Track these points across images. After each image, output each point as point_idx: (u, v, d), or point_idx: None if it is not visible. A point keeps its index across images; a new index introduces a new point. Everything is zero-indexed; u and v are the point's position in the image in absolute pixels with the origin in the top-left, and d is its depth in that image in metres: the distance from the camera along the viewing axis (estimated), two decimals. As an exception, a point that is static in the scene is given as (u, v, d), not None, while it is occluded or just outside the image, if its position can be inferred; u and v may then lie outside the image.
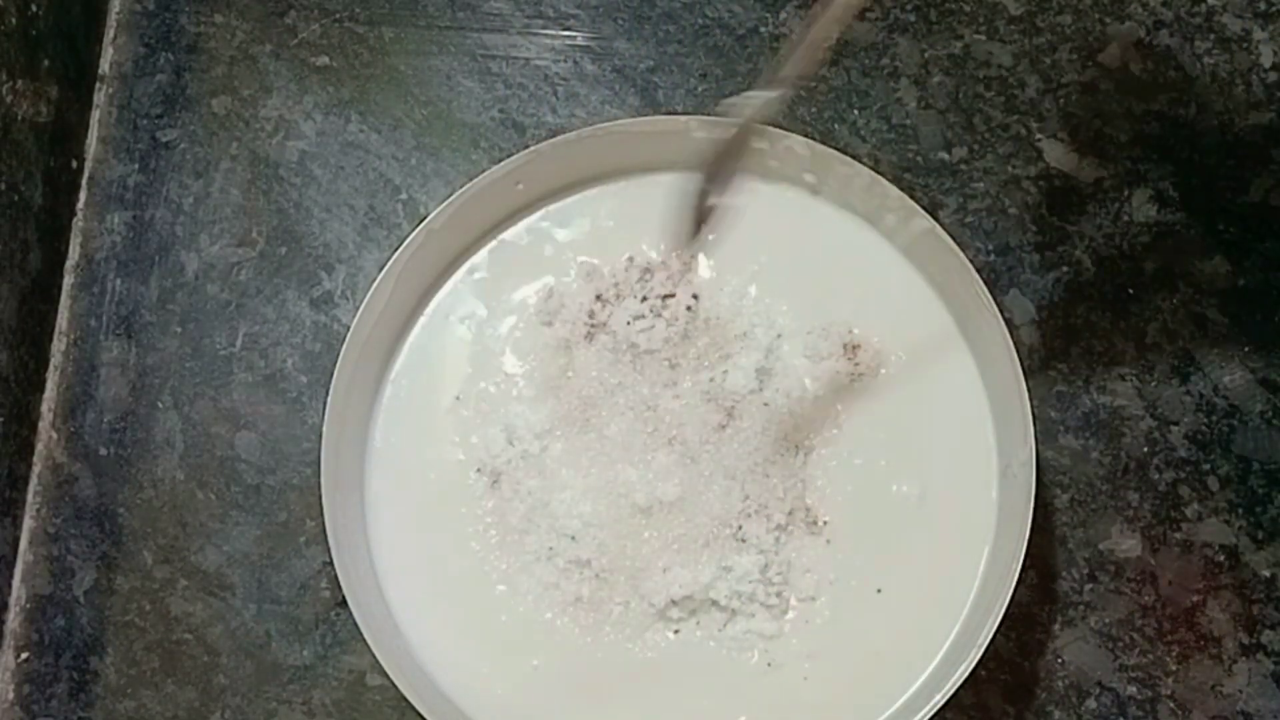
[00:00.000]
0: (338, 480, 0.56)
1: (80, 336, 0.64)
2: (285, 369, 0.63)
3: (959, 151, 0.64)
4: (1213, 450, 0.60)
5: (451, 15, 0.68)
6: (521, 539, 0.57)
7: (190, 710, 0.59)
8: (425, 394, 0.60)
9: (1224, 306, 0.62)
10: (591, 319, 0.59)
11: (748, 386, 0.57)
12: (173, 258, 0.65)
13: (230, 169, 0.66)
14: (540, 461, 0.57)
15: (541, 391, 0.59)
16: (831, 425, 0.58)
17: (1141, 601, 0.58)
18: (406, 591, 0.57)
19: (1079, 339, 0.61)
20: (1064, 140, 0.64)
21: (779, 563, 0.56)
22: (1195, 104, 0.65)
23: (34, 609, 0.61)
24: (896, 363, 0.59)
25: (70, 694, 0.59)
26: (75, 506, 0.62)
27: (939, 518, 0.57)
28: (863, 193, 0.59)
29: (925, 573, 0.56)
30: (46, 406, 0.63)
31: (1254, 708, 0.57)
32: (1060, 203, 0.63)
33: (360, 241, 0.64)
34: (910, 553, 0.56)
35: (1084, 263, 0.63)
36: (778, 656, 0.55)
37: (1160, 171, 0.64)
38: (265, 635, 0.60)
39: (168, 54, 0.68)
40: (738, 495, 0.56)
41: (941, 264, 0.58)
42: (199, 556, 0.61)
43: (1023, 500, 0.53)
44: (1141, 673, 0.58)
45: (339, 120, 0.66)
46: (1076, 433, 0.60)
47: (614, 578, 0.56)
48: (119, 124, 0.67)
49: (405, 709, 0.56)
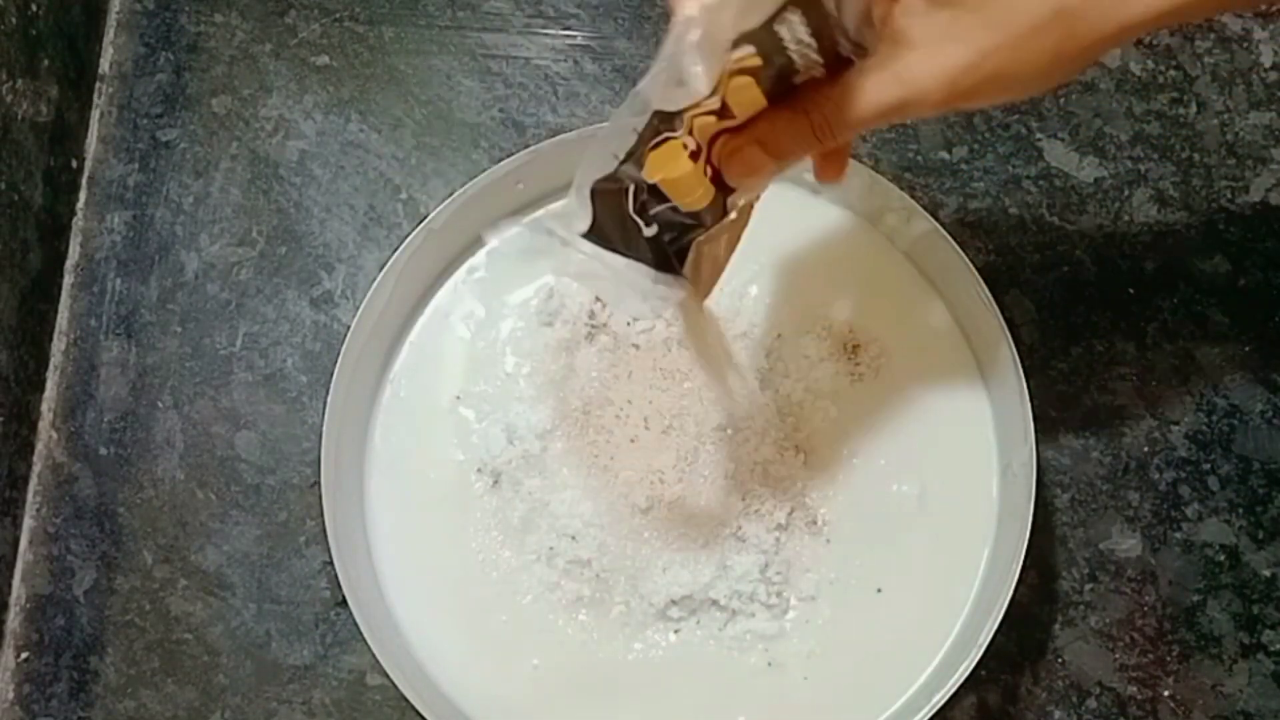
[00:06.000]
0: (338, 480, 0.56)
1: (80, 336, 0.64)
2: (285, 369, 0.63)
3: (959, 151, 0.64)
4: (1213, 450, 0.60)
5: (451, 15, 0.68)
6: (522, 539, 0.57)
7: (190, 710, 0.59)
8: (425, 394, 0.60)
9: (1224, 306, 0.62)
10: (591, 319, 0.59)
11: (748, 387, 0.57)
12: (173, 257, 0.65)
13: (230, 169, 0.66)
14: (540, 461, 0.57)
15: (542, 391, 0.59)
16: (831, 425, 0.58)
17: (1141, 601, 0.58)
18: (406, 591, 0.57)
19: (1079, 339, 0.61)
20: (1064, 140, 0.64)
21: (779, 562, 0.56)
22: (1195, 104, 0.65)
23: (34, 609, 0.61)
24: (896, 363, 0.59)
25: (70, 694, 0.59)
26: (75, 506, 0.62)
27: (939, 518, 0.57)
28: (863, 193, 0.59)
29: (925, 573, 0.56)
30: (46, 406, 0.63)
31: (1254, 708, 0.57)
32: (1060, 203, 0.63)
33: (360, 241, 0.64)
34: (910, 553, 0.56)
35: (1084, 263, 0.63)
36: (778, 656, 0.55)
37: (1160, 171, 0.64)
38: (265, 635, 0.60)
39: (168, 54, 0.68)
40: (737, 495, 0.56)
41: (941, 264, 0.58)
42: (199, 556, 0.61)
43: (1023, 500, 0.53)
44: (1141, 673, 0.58)
45: (339, 120, 0.66)
46: (1076, 433, 0.60)
47: (614, 578, 0.56)
48: (119, 124, 0.67)
49: (405, 709, 0.56)
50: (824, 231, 0.60)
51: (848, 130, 0.42)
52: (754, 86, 0.41)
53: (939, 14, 0.40)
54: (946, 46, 0.40)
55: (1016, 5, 0.39)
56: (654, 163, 0.44)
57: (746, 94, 0.41)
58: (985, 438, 0.58)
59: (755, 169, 0.43)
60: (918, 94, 0.40)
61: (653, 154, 0.43)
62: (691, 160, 0.43)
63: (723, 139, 0.43)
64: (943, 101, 0.41)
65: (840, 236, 0.61)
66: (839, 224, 0.61)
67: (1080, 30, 0.39)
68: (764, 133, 0.43)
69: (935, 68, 0.40)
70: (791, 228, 0.60)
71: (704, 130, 0.42)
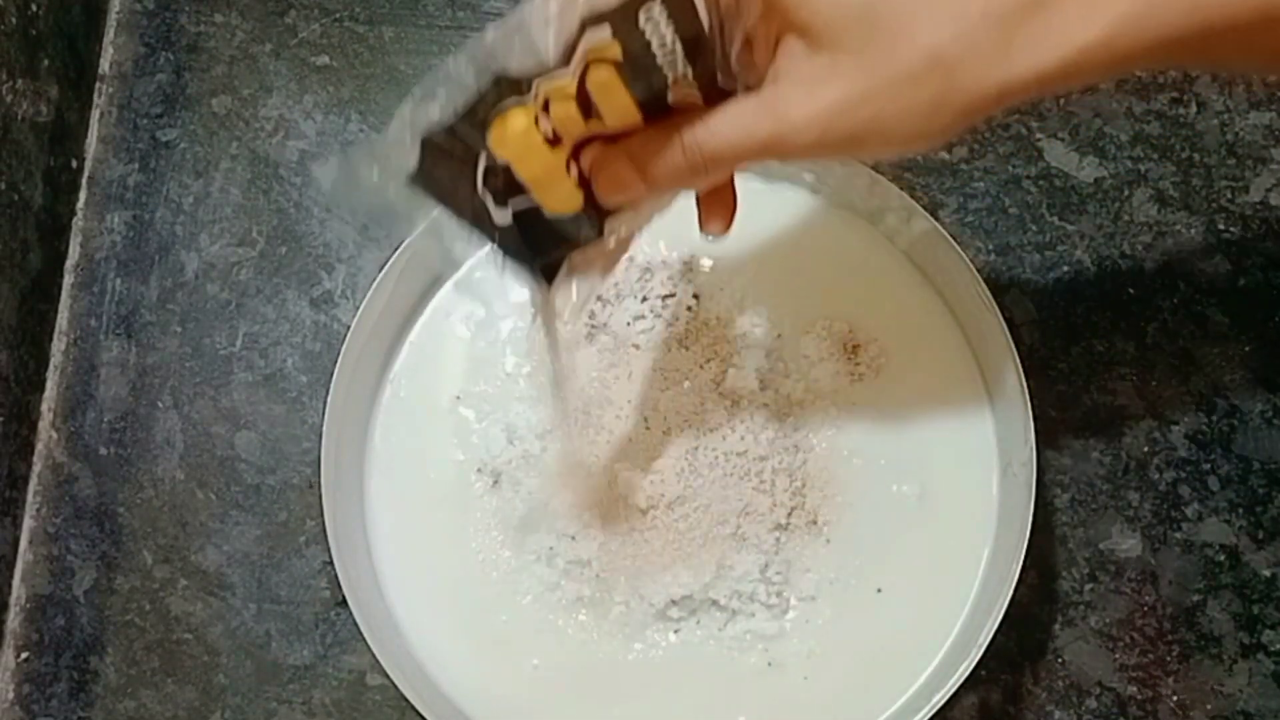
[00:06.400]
0: (338, 480, 0.56)
1: (80, 336, 0.64)
2: (285, 369, 0.63)
3: (959, 151, 0.64)
4: (1213, 450, 0.60)
5: (451, 15, 0.68)
6: (522, 539, 0.57)
7: (190, 710, 0.59)
8: (425, 394, 0.60)
9: (1224, 306, 0.62)
10: (592, 319, 0.59)
11: (748, 387, 0.57)
12: (173, 257, 0.65)
13: (230, 169, 0.66)
14: (540, 461, 0.57)
15: (542, 391, 0.59)
16: (831, 425, 0.58)
17: (1141, 601, 0.58)
18: (406, 591, 0.57)
19: (1079, 339, 0.62)
20: (1064, 140, 0.64)
21: (779, 562, 0.56)
22: (1195, 104, 0.65)
23: (34, 609, 0.61)
24: (897, 363, 0.59)
25: (70, 694, 0.59)
26: (75, 506, 0.62)
27: (939, 518, 0.57)
28: (863, 192, 0.59)
29: (925, 573, 0.56)
30: (46, 406, 0.63)
31: (1254, 708, 0.57)
32: (1060, 203, 0.64)
33: (360, 241, 0.64)
34: (910, 553, 0.56)
35: (1084, 263, 0.63)
36: (778, 656, 0.55)
37: (1160, 171, 0.64)
38: (265, 635, 0.60)
39: (168, 54, 0.68)
40: (737, 495, 0.56)
41: (941, 264, 0.58)
42: (199, 556, 0.61)
43: (1023, 500, 0.53)
44: (1141, 673, 0.58)
45: (339, 120, 0.66)
46: (1076, 433, 0.60)
47: (614, 578, 0.56)
48: (119, 124, 0.67)
49: (405, 709, 0.56)
50: (824, 231, 0.60)
51: (719, 159, 0.42)
52: (619, 85, 0.40)
53: (819, 57, 0.40)
54: (823, 86, 0.40)
55: (895, 53, 0.39)
56: (498, 132, 0.41)
57: (613, 95, 0.40)
58: (985, 438, 0.58)
59: (623, 185, 0.43)
60: (790, 130, 0.40)
61: (498, 120, 0.41)
62: (548, 145, 0.41)
63: (594, 147, 0.42)
64: (816, 142, 0.40)
65: (840, 236, 0.61)
66: (839, 224, 0.61)
67: (959, 84, 0.39)
68: (634, 146, 0.42)
69: (810, 106, 0.40)
70: (791, 228, 0.61)
71: (566, 122, 0.41)
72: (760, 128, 0.41)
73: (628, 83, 0.40)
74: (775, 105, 0.40)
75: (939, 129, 0.40)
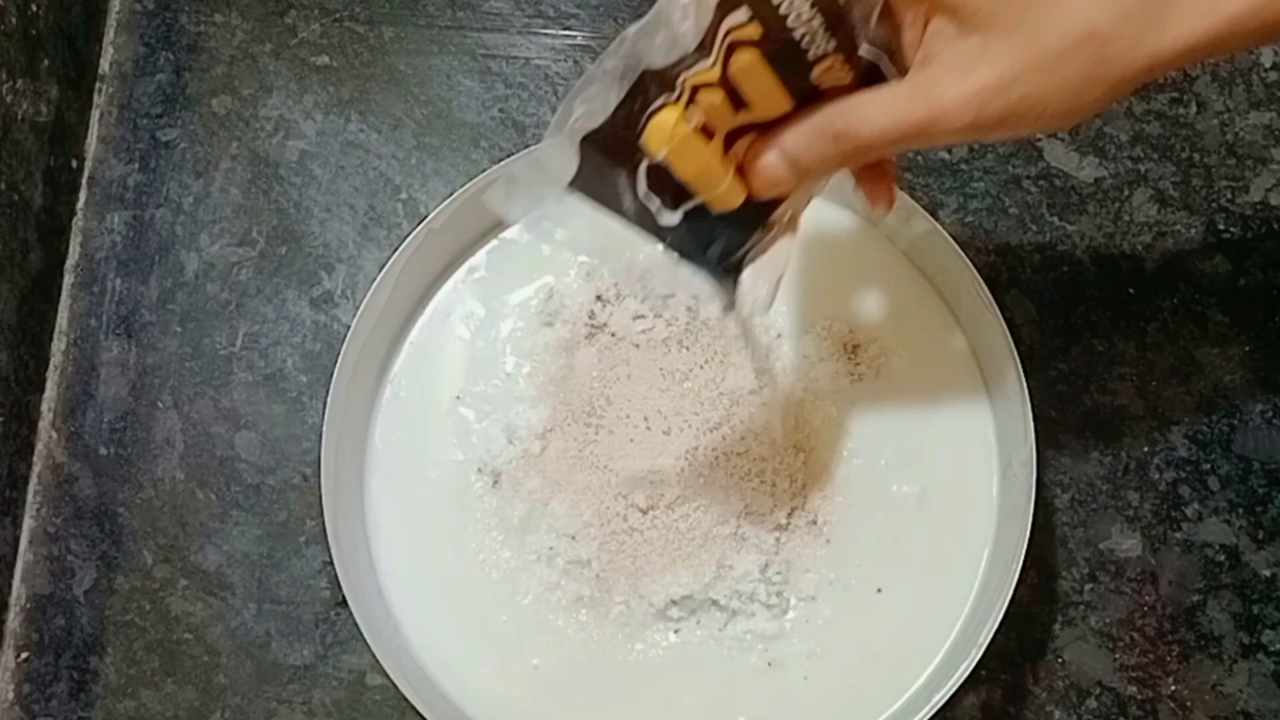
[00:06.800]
0: (338, 480, 0.56)
1: (80, 336, 0.64)
2: (285, 369, 0.63)
3: (959, 151, 0.64)
4: (1213, 450, 0.60)
5: (451, 15, 0.68)
6: (522, 539, 0.57)
7: (190, 710, 0.59)
8: (425, 394, 0.60)
9: (1224, 306, 0.62)
10: (592, 319, 0.59)
11: (747, 387, 0.57)
12: (173, 257, 0.65)
13: (230, 169, 0.66)
14: (540, 461, 0.57)
15: (542, 391, 0.59)
16: (831, 425, 0.58)
17: (1141, 601, 0.58)
18: (406, 591, 0.57)
19: (1079, 339, 0.61)
20: (1064, 140, 0.64)
21: (779, 563, 0.56)
22: (1195, 104, 0.65)
23: (34, 609, 0.61)
24: (896, 363, 0.59)
25: (70, 694, 0.59)
26: (75, 506, 0.62)
27: (939, 518, 0.57)
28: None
29: (925, 573, 0.56)
30: (46, 406, 0.63)
31: (1254, 708, 0.57)
32: (1060, 203, 0.63)
33: (360, 241, 0.64)
34: (910, 553, 0.56)
35: (1084, 263, 0.63)
36: (778, 656, 0.55)
37: (1160, 171, 0.64)
38: (265, 635, 0.60)
39: (168, 54, 0.68)
40: (737, 495, 0.56)
41: (941, 264, 0.58)
42: (199, 556, 0.61)
43: (1023, 500, 0.53)
44: (1141, 673, 0.58)
45: (339, 120, 0.66)
46: (1076, 433, 0.60)
47: (614, 578, 0.56)
48: (119, 124, 0.67)
49: (405, 709, 0.56)
50: (824, 231, 0.60)
51: (872, 147, 0.42)
52: (762, 67, 0.40)
53: (970, 38, 0.40)
54: (975, 68, 0.40)
55: (1046, 28, 0.39)
56: (650, 132, 0.41)
57: (758, 79, 0.40)
58: (985, 438, 0.58)
59: (778, 180, 0.43)
60: (944, 114, 0.40)
61: (649, 119, 0.41)
62: (702, 140, 0.41)
63: (746, 140, 0.42)
64: (970, 125, 0.40)
65: (840, 236, 0.61)
66: (839, 224, 0.61)
67: (1110, 57, 0.39)
68: (786, 140, 0.42)
69: (963, 89, 0.40)
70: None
71: (715, 113, 0.41)
72: (914, 114, 0.41)
73: (770, 63, 0.40)
74: (928, 90, 0.40)
75: (1089, 104, 0.40)
